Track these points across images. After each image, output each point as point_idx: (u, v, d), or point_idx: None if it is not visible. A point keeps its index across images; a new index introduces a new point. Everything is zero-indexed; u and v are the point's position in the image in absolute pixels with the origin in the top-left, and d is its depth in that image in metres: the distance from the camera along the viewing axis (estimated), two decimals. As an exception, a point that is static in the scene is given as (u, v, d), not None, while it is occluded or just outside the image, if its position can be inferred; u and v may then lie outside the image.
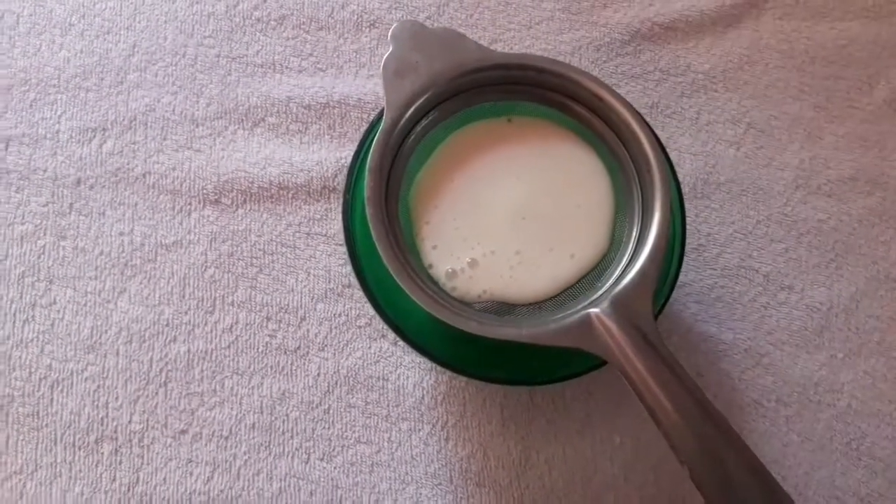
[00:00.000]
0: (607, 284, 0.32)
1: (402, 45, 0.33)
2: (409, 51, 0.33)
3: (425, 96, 0.33)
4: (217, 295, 0.39)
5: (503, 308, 0.33)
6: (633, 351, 0.29)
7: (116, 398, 0.38)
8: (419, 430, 0.37)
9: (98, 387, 0.38)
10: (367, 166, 0.32)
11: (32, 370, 0.38)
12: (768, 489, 0.28)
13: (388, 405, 0.38)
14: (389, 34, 0.33)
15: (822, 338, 0.39)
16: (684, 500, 0.36)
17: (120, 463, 0.37)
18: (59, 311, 0.39)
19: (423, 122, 0.34)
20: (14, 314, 0.39)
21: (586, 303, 0.31)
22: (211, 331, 0.39)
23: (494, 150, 0.35)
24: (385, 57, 0.33)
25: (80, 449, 0.37)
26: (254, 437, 0.37)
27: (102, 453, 0.37)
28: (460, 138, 0.35)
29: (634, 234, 0.33)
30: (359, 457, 0.37)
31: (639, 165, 0.33)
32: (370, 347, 0.38)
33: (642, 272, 0.31)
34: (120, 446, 0.37)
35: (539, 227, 0.34)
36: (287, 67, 0.43)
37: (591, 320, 0.30)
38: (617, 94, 0.33)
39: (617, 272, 0.32)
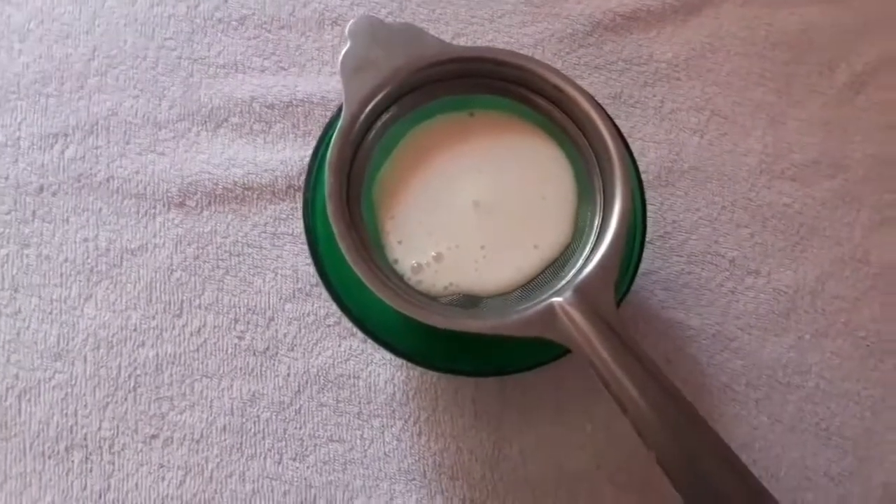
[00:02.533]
0: (570, 274, 0.32)
1: (360, 42, 0.33)
2: (367, 47, 0.33)
3: (384, 92, 0.33)
4: (184, 298, 0.39)
5: (469, 300, 0.33)
6: (597, 339, 0.29)
7: (85, 405, 0.37)
8: (391, 426, 0.37)
9: (66, 395, 0.37)
10: (327, 163, 0.31)
11: (-1, 380, 0.38)
12: (734, 470, 0.28)
13: (359, 402, 0.38)
14: (346, 30, 0.33)
15: (789, 320, 0.39)
16: (655, 485, 0.36)
17: (91, 470, 0.37)
18: (24, 320, 0.38)
19: (384, 118, 0.34)
20: (-22, 324, 0.38)
21: (550, 292, 0.31)
22: (179, 334, 0.38)
23: (457, 144, 0.35)
24: (343, 53, 0.33)
25: (49, 458, 0.37)
26: (225, 440, 0.37)
27: (73, 461, 0.37)
28: (422, 133, 0.35)
29: (596, 223, 0.33)
30: (331, 455, 0.37)
31: (599, 155, 0.33)
32: (340, 346, 0.38)
33: (603, 261, 0.31)
34: (90, 454, 0.37)
35: (503, 220, 0.34)
36: (249, 67, 0.43)
37: (555, 310, 0.30)
38: (576, 84, 0.33)
39: (580, 262, 0.32)
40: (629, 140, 0.41)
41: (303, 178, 0.40)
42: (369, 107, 0.33)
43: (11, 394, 0.37)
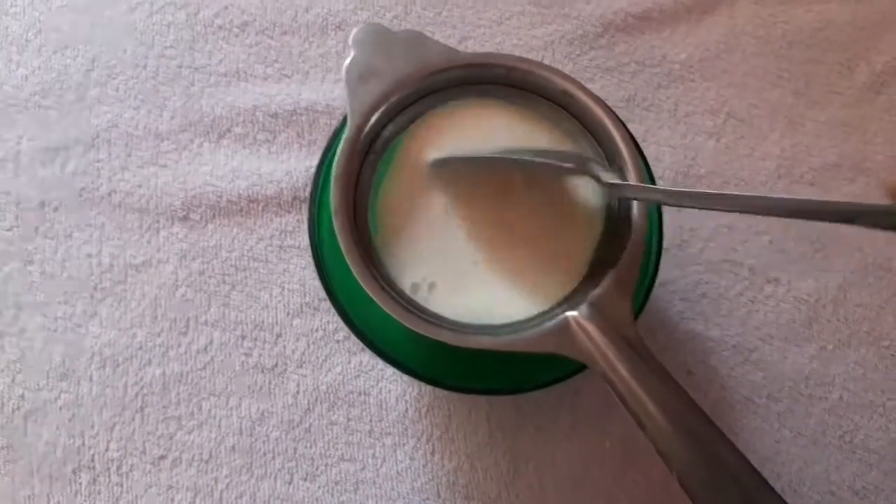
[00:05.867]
0: (585, 287, 0.31)
1: (364, 50, 0.32)
2: (371, 55, 0.32)
3: (390, 101, 0.32)
4: (190, 315, 0.38)
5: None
6: (615, 354, 0.28)
7: (92, 426, 0.37)
8: (404, 444, 0.36)
9: (73, 415, 0.37)
10: (332, 178, 0.30)
11: (5, 401, 0.37)
12: (760, 493, 0.27)
13: (370, 420, 0.37)
14: (350, 39, 0.32)
15: (811, 330, 0.38)
16: (675, 503, 0.35)
17: (99, 493, 0.36)
18: (29, 339, 0.38)
19: (390, 127, 0.33)
20: (-19, 344, 0.37)
21: (564, 306, 0.30)
22: (185, 352, 0.38)
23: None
24: (346, 63, 0.32)
25: (57, 480, 0.36)
26: (234, 460, 0.36)
27: (80, 483, 0.36)
28: (418, 137, 0.34)
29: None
30: (343, 475, 0.36)
31: (612, 163, 0.32)
32: (350, 362, 0.38)
33: (619, 274, 0.30)
34: (98, 475, 0.36)
35: (513, 239, 0.33)
36: (252, 75, 0.42)
37: (570, 324, 0.29)
38: (587, 89, 0.32)
39: (595, 274, 0.31)
40: (643, 144, 0.40)
41: (309, 189, 0.39)
42: (374, 117, 0.32)
43: (18, 415, 0.37)
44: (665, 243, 0.34)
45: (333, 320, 0.38)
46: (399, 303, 0.30)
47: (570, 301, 0.31)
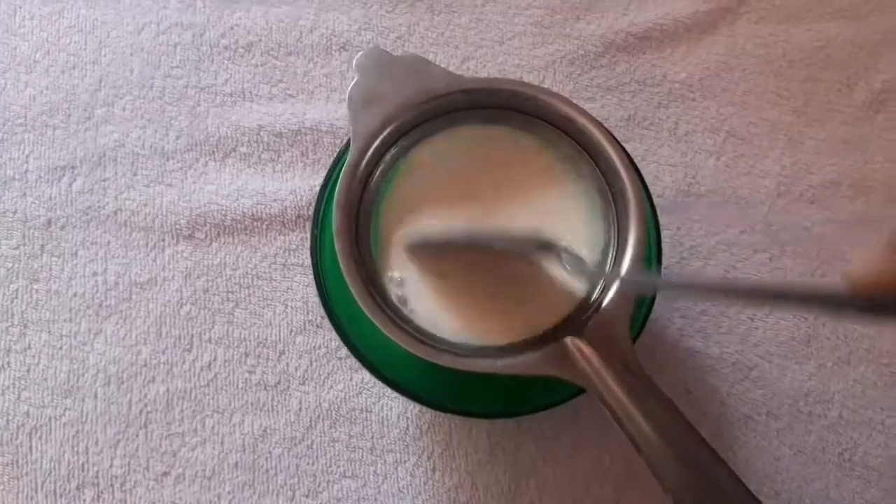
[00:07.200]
0: (583, 309, 0.31)
1: (367, 75, 0.33)
2: (374, 80, 0.33)
3: (392, 125, 0.32)
4: (194, 332, 0.38)
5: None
6: (612, 378, 0.28)
7: (96, 443, 0.37)
8: (405, 461, 0.37)
9: (77, 432, 0.37)
10: (335, 201, 0.31)
11: (10, 418, 0.37)
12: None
13: (372, 437, 0.37)
14: (354, 63, 0.32)
15: (810, 347, 0.39)
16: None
17: (102, 508, 0.36)
18: (34, 356, 0.38)
19: (393, 151, 0.33)
20: (-11, 361, 0.38)
21: (564, 329, 0.30)
22: (189, 369, 0.38)
23: (462, 176, 0.34)
24: (350, 87, 0.32)
25: (61, 496, 0.36)
26: (237, 477, 0.37)
27: (84, 500, 0.36)
28: (420, 158, 0.34)
29: (610, 255, 0.32)
30: (345, 492, 0.36)
31: (612, 186, 0.32)
32: (352, 379, 0.38)
33: (618, 296, 0.30)
34: (102, 492, 0.36)
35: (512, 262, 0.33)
36: (257, 95, 0.42)
37: (568, 347, 0.29)
38: (587, 113, 0.32)
39: (593, 296, 0.31)
40: (644, 163, 0.40)
41: (312, 208, 0.40)
42: (377, 141, 0.32)
43: (22, 432, 0.37)
44: (665, 261, 0.35)
45: (335, 337, 0.38)
46: (398, 325, 0.30)
47: (568, 323, 0.31)
